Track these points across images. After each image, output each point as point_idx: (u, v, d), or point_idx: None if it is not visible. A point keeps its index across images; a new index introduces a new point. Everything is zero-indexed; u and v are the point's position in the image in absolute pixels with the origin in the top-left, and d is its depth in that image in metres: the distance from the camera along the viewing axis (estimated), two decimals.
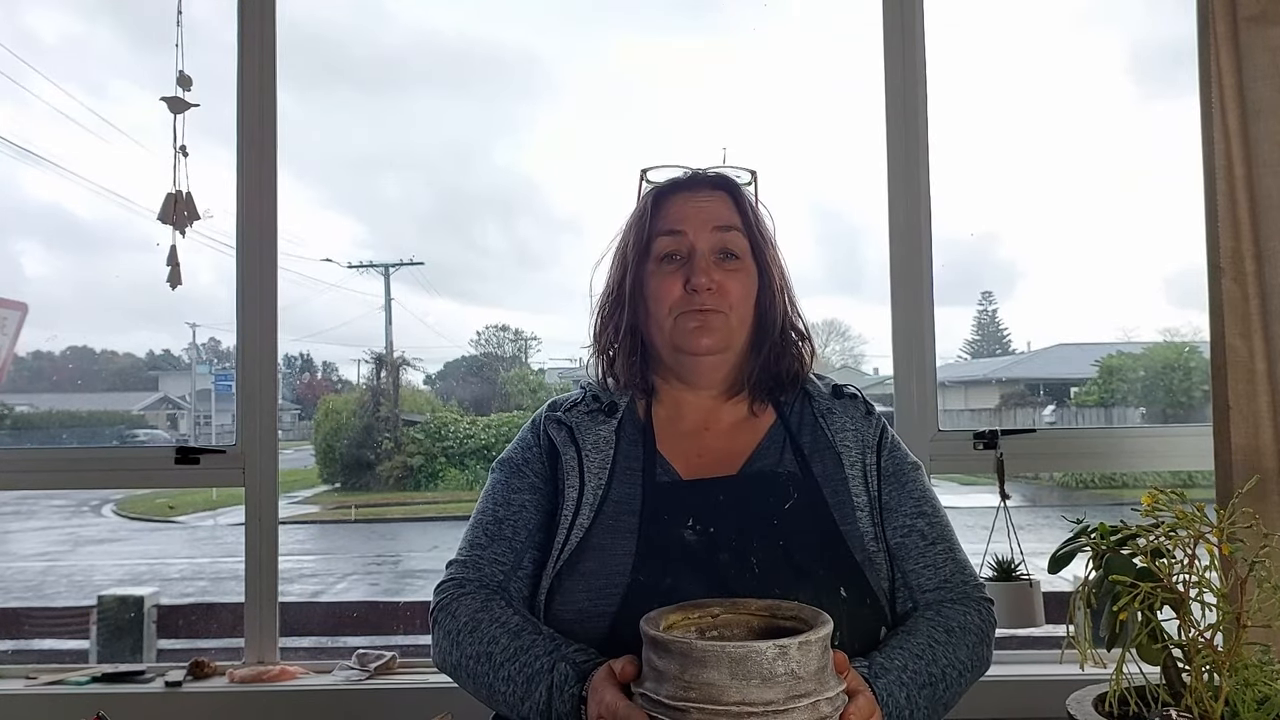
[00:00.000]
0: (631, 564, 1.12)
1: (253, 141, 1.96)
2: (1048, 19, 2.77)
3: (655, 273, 1.23)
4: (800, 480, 1.20)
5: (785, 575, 1.11)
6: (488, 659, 1.10)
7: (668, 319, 1.22)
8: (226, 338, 13.66)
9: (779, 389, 1.29)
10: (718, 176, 1.29)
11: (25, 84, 3.28)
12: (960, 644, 1.14)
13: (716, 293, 1.21)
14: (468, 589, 1.19)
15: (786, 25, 3.54)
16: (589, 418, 1.26)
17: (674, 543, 1.13)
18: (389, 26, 11.67)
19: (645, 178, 1.30)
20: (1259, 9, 1.69)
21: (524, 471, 1.26)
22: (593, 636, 1.10)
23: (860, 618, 1.12)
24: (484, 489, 1.29)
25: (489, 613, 1.14)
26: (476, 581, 1.20)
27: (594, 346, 1.32)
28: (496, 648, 1.10)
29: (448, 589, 1.20)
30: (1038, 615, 1.77)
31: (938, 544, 1.21)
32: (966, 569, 1.23)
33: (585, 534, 1.16)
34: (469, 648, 1.13)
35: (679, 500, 1.17)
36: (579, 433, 1.24)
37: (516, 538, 1.22)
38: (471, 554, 1.22)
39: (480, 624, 1.13)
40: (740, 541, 1.12)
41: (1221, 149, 1.69)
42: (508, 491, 1.25)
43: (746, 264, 1.24)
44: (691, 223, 1.23)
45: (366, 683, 1.86)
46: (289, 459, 13.56)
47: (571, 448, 1.23)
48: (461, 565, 1.22)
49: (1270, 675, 1.01)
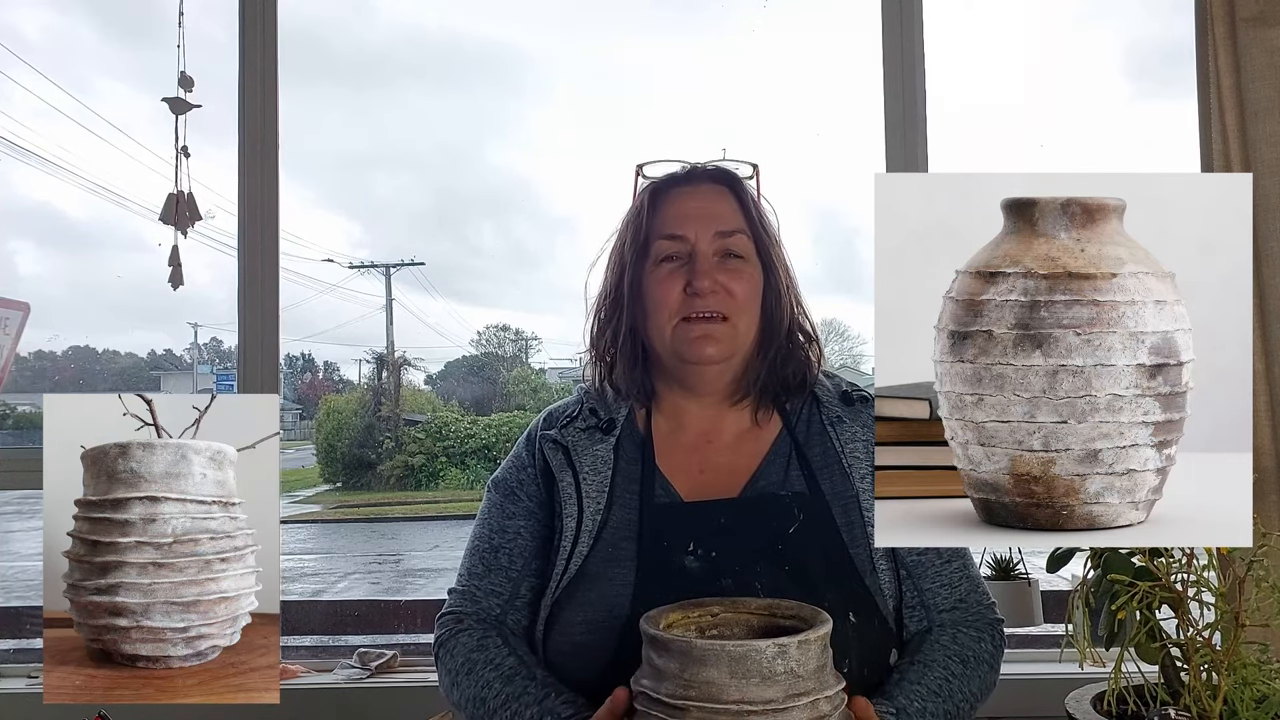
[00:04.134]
0: (631, 593, 1.09)
1: (254, 141, 1.96)
2: (1046, 20, 2.77)
3: (654, 274, 1.17)
4: (807, 500, 1.15)
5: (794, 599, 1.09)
6: (481, 703, 1.10)
7: (668, 324, 1.15)
8: (228, 338, 13.63)
9: (785, 394, 1.23)
10: (718, 170, 1.22)
11: (11, 81, 3.28)
12: (974, 675, 1.12)
13: (720, 295, 1.14)
14: (465, 624, 1.18)
15: (785, 25, 3.54)
16: (586, 435, 1.20)
17: (675, 570, 1.10)
18: (372, 21, 11.58)
19: (641, 173, 1.24)
20: (1257, 10, 1.69)
21: (519, 495, 1.23)
22: (590, 672, 1.08)
23: (869, 643, 1.10)
24: (480, 510, 1.26)
25: (484, 653, 1.14)
26: (474, 615, 1.19)
27: (591, 352, 1.26)
28: (490, 693, 1.10)
29: (447, 623, 1.20)
30: (1036, 614, 1.77)
31: (953, 561, 1.18)
32: (980, 587, 1.21)
33: (584, 562, 1.13)
34: (466, 689, 1.13)
35: (679, 524, 1.14)
36: (575, 454, 1.19)
37: (513, 566, 1.20)
38: (469, 584, 1.21)
39: (475, 665, 1.13)
40: (743, 567, 1.09)
41: (1220, 150, 1.69)
42: (503, 518, 1.23)
43: (751, 263, 1.18)
44: (692, 224, 1.16)
45: (368, 681, 1.86)
46: (290, 459, 13.57)
47: (568, 472, 1.18)
48: (460, 596, 1.21)
49: (1268, 674, 1.02)
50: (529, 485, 1.23)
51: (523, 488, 1.23)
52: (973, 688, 1.12)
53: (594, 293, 1.25)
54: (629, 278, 1.18)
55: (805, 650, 0.87)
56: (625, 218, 1.23)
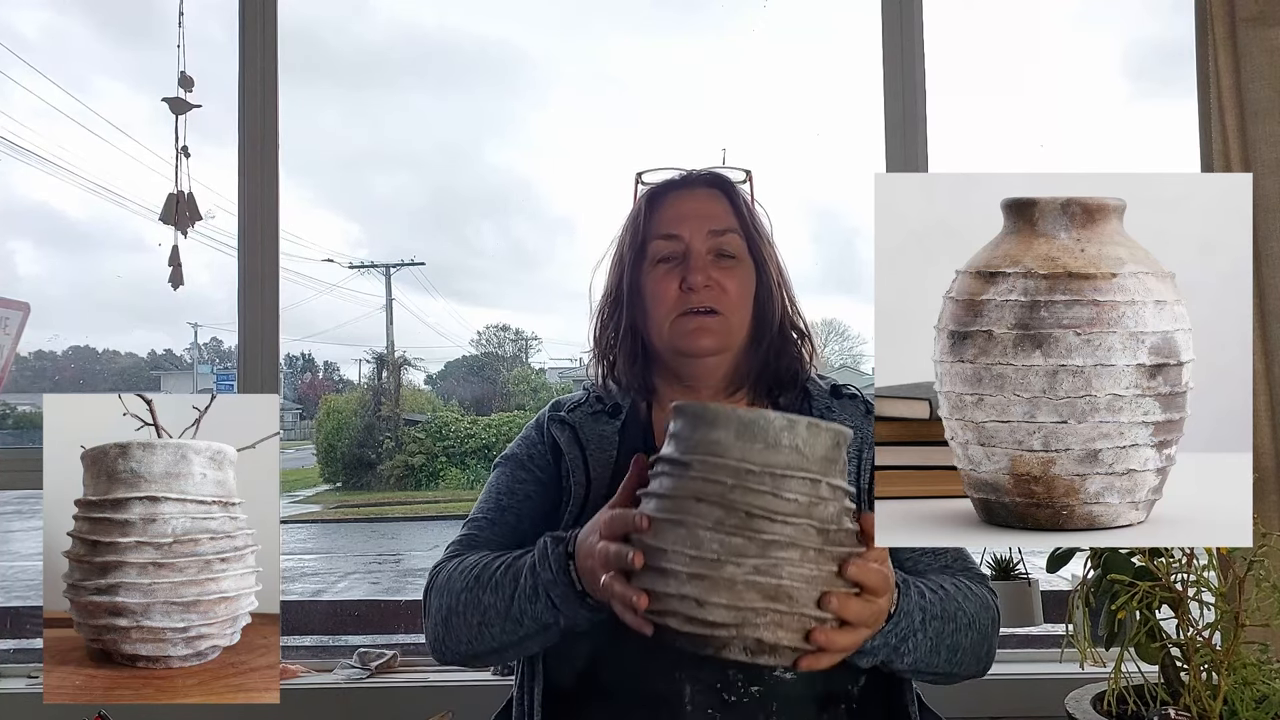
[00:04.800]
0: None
1: (254, 141, 1.96)
2: (1045, 20, 2.77)
3: (651, 274, 1.22)
4: None
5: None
6: (475, 582, 1.09)
7: (666, 320, 1.21)
8: (228, 338, 13.64)
9: (778, 388, 1.28)
10: (711, 175, 1.28)
11: (11, 81, 3.28)
12: (967, 599, 1.12)
13: (714, 290, 1.20)
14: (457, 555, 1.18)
15: (785, 25, 3.54)
16: (592, 418, 1.25)
17: None
18: (371, 20, 11.56)
19: (640, 180, 1.29)
20: (1257, 10, 1.69)
21: (529, 466, 1.26)
22: (587, 642, 1.10)
23: None
24: (488, 482, 1.28)
25: (480, 555, 1.14)
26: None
27: (594, 350, 1.31)
28: (485, 571, 1.10)
29: (440, 563, 1.19)
30: (1036, 614, 1.77)
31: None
32: (969, 558, 1.23)
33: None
34: (458, 583, 1.11)
35: None
36: (582, 431, 1.24)
37: (521, 525, 1.21)
38: (470, 531, 1.22)
39: (470, 564, 1.13)
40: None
41: (1220, 150, 1.70)
42: (512, 482, 1.25)
43: (743, 261, 1.23)
44: (687, 224, 1.21)
45: (368, 681, 1.86)
46: (290, 459, 13.58)
47: (575, 447, 1.22)
48: (458, 544, 1.21)
49: (1268, 674, 1.02)
50: (539, 459, 1.26)
51: (532, 460, 1.26)
52: (969, 609, 1.11)
53: (598, 293, 1.31)
54: (628, 279, 1.24)
55: (814, 434, 0.87)
56: (625, 222, 1.28)
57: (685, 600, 0.85)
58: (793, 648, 0.86)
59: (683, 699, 1.08)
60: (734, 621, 0.84)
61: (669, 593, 0.86)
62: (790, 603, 0.85)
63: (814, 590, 0.86)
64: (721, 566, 0.84)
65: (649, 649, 1.08)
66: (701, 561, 0.85)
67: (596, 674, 1.12)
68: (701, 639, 0.86)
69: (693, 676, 1.08)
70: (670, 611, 0.86)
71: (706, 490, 0.86)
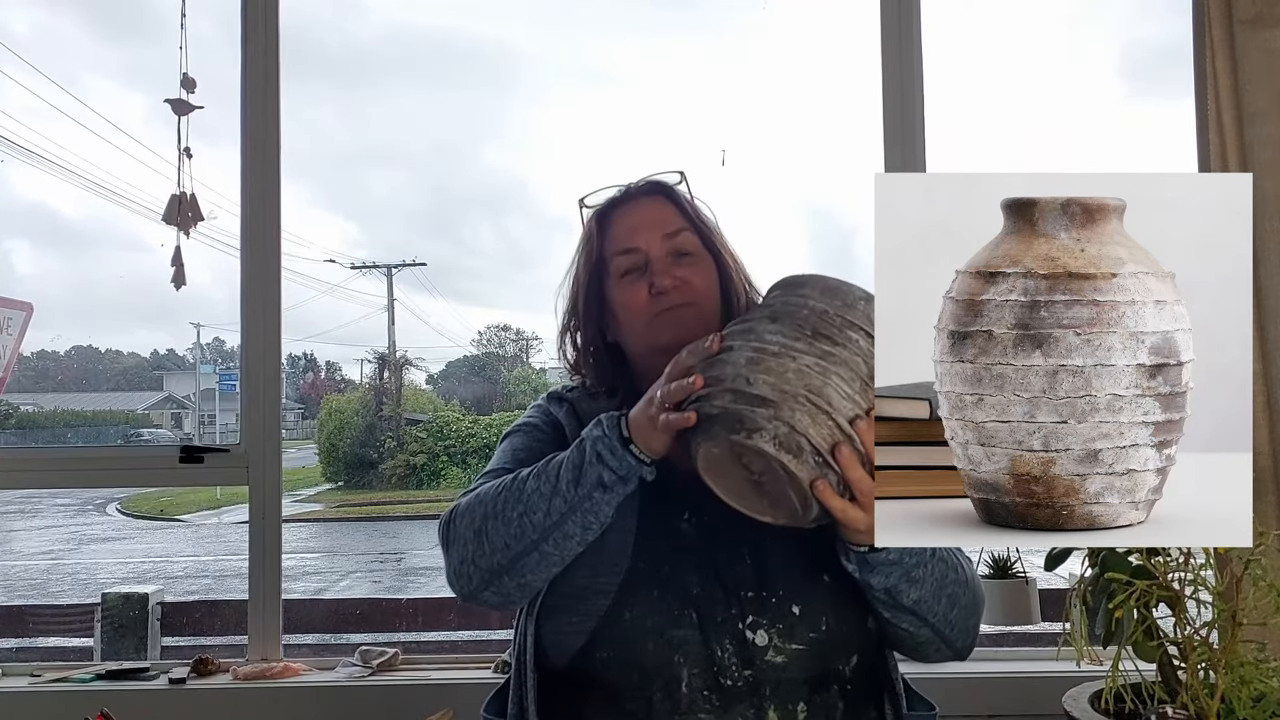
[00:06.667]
0: (633, 542, 1.14)
1: (256, 142, 1.97)
2: (1043, 21, 2.77)
3: (619, 288, 1.25)
4: None
5: (777, 561, 1.13)
6: (512, 482, 1.12)
7: (640, 324, 1.23)
8: (230, 337, 13.65)
9: None
10: (650, 184, 1.31)
11: (13, 82, 3.28)
12: (963, 564, 1.16)
13: (682, 288, 1.22)
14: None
15: (784, 25, 3.55)
16: (590, 399, 1.29)
17: (670, 531, 1.16)
18: (365, 20, 11.54)
19: (584, 204, 1.33)
20: (1255, 12, 1.69)
21: (542, 429, 1.29)
22: (590, 618, 1.12)
23: (844, 599, 1.13)
24: (497, 452, 1.29)
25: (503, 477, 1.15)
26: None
27: (569, 370, 1.34)
28: (518, 476, 1.12)
29: (457, 500, 1.19)
30: (1034, 612, 1.78)
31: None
32: (961, 552, 1.22)
33: None
34: (490, 493, 1.13)
35: (674, 488, 1.17)
36: (580, 407, 1.28)
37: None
38: (485, 479, 1.22)
39: (498, 481, 1.14)
40: (733, 533, 1.14)
41: (1217, 152, 1.70)
42: (529, 440, 1.27)
43: (701, 256, 1.26)
44: (641, 234, 1.25)
45: (369, 679, 1.87)
46: (292, 458, 13.59)
47: (575, 421, 1.25)
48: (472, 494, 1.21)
49: (1265, 673, 1.02)
50: (546, 429, 1.29)
51: (541, 429, 1.29)
52: (967, 572, 1.16)
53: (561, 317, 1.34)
54: (584, 298, 1.28)
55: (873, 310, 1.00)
56: (578, 245, 1.32)
57: (737, 378, 0.96)
58: (816, 451, 0.94)
59: (679, 682, 1.09)
60: (776, 399, 0.94)
61: (723, 376, 0.97)
62: (830, 407, 0.93)
63: (850, 410, 0.96)
64: (779, 357, 0.96)
65: (646, 631, 1.10)
66: (762, 350, 0.97)
67: (592, 657, 1.13)
68: (739, 417, 0.94)
69: (688, 660, 1.09)
70: (718, 393, 0.96)
71: (781, 312, 1.00)
